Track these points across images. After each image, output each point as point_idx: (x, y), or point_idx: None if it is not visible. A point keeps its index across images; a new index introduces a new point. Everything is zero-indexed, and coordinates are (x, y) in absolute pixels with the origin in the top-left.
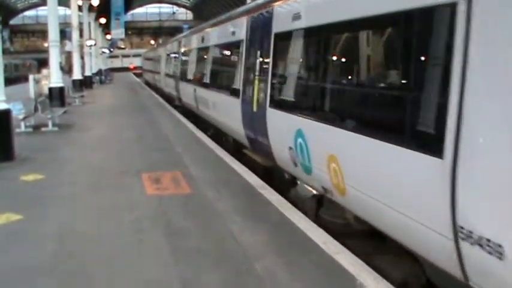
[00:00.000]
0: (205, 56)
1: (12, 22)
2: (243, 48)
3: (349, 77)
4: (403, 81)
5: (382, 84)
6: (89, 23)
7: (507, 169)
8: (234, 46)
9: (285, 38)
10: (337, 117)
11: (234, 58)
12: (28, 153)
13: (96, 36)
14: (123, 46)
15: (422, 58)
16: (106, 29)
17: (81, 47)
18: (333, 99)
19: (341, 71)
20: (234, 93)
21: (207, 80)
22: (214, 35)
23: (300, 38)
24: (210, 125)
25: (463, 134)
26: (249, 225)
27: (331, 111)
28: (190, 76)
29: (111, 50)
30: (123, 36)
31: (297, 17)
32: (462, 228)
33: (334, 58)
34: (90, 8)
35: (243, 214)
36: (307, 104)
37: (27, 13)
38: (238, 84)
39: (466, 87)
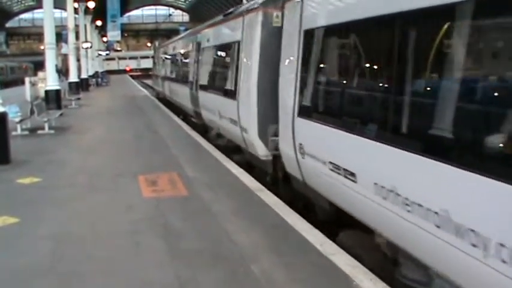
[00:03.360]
0: None
1: (8, 25)
2: None
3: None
4: None
5: None
6: (85, 26)
7: None
8: None
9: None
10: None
11: None
12: (24, 156)
13: (92, 38)
14: (119, 48)
15: None
16: (102, 31)
17: (78, 49)
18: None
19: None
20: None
21: None
22: None
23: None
24: None
25: None
26: (246, 227)
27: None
28: None
29: (108, 52)
30: (119, 38)
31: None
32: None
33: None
34: (86, 10)
35: (239, 216)
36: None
37: (23, 16)
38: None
39: None
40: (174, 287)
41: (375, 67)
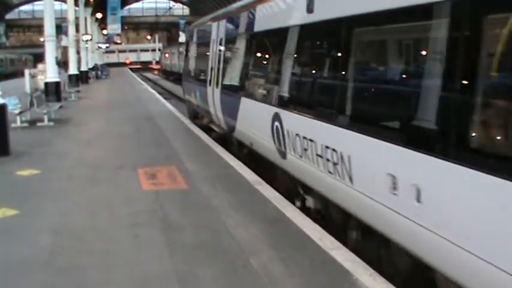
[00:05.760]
0: None
1: (8, 17)
2: None
3: None
4: None
5: None
6: (85, 18)
7: None
8: None
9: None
10: None
11: None
12: (24, 148)
13: (92, 31)
14: (119, 41)
15: None
16: (102, 24)
17: (77, 42)
18: None
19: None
20: None
21: None
22: None
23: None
24: None
25: None
26: (245, 221)
27: None
28: None
29: (108, 45)
30: (119, 31)
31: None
32: None
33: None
34: (87, 2)
35: (238, 209)
36: None
37: (23, 8)
38: None
39: None
40: (173, 280)
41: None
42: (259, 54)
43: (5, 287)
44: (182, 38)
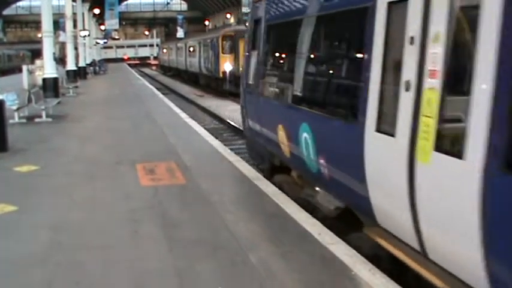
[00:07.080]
0: None
1: (5, 12)
2: None
3: None
4: None
5: None
6: (83, 14)
7: None
8: None
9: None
10: None
11: None
12: (22, 144)
13: (90, 26)
14: (117, 37)
15: None
16: (100, 19)
17: (75, 37)
18: None
19: None
20: None
21: None
22: None
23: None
24: None
25: None
26: (244, 216)
27: None
28: None
29: (106, 41)
30: (117, 27)
31: None
32: None
33: None
34: None
35: (237, 205)
36: None
37: (21, 3)
38: None
39: None
40: (172, 276)
41: None
42: None
43: (4, 283)
44: (180, 33)
